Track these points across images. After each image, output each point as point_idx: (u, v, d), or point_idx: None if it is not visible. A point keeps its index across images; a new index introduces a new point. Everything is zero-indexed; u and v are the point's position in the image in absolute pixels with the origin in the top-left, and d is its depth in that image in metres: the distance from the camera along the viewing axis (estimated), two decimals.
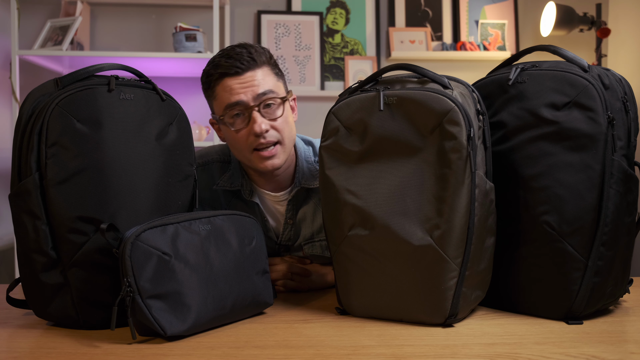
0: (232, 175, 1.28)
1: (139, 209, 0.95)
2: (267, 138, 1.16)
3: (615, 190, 0.93)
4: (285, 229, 1.28)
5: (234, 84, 1.15)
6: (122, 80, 0.97)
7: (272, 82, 1.18)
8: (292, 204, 1.26)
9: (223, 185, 1.27)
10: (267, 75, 1.17)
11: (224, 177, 1.28)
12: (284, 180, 1.27)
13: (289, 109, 1.23)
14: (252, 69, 1.16)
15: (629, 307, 1.06)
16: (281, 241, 1.29)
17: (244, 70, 1.15)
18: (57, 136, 0.90)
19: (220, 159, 1.31)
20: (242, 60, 1.15)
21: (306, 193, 1.28)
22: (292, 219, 1.27)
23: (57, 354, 0.83)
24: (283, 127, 1.18)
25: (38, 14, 2.93)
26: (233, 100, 1.15)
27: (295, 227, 1.28)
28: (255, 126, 1.14)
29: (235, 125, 1.17)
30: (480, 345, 0.85)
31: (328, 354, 0.83)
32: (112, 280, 0.92)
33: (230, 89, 1.15)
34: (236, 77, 1.15)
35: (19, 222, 0.93)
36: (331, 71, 3.09)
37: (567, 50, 1.00)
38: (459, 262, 0.92)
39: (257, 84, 1.15)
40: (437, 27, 3.14)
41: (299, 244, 1.29)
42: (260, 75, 1.16)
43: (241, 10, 3.07)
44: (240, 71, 1.15)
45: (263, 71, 1.17)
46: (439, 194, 0.92)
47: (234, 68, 1.14)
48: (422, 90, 0.93)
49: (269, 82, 1.17)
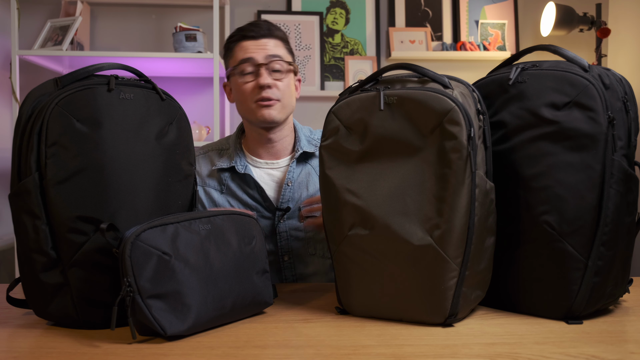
0: (229, 157, 1.44)
1: (139, 209, 0.95)
2: (269, 93, 1.34)
3: (616, 190, 0.93)
4: (285, 190, 1.39)
5: (250, 45, 1.36)
6: (121, 79, 0.97)
7: (283, 52, 1.38)
8: (293, 167, 1.41)
9: (220, 165, 1.43)
10: (279, 46, 1.38)
11: (221, 160, 1.45)
12: (283, 148, 1.44)
13: (293, 82, 1.40)
14: (267, 37, 1.36)
15: (629, 307, 1.06)
16: (280, 204, 1.38)
17: (261, 36, 1.36)
18: (57, 136, 0.90)
19: (217, 147, 1.49)
20: (261, 28, 1.36)
21: (304, 159, 1.44)
22: (291, 181, 1.40)
23: (57, 354, 0.83)
24: (284, 89, 1.36)
25: (38, 14, 2.93)
26: (246, 56, 1.35)
27: (294, 190, 1.40)
28: (260, 79, 1.33)
29: (245, 78, 1.36)
30: (480, 345, 0.85)
31: (328, 353, 0.83)
32: (112, 280, 0.92)
33: (246, 48, 1.36)
34: (253, 39, 1.36)
35: (19, 222, 0.93)
36: (331, 71, 3.09)
37: (567, 50, 1.00)
38: (459, 262, 0.92)
39: (269, 47, 1.36)
40: (437, 27, 3.14)
41: (296, 207, 1.40)
42: (273, 43, 1.37)
43: (241, 10, 3.07)
44: (257, 36, 1.36)
45: (277, 41, 1.38)
46: (439, 193, 0.92)
47: (252, 32, 1.36)
48: (422, 89, 0.93)
49: (280, 50, 1.37)
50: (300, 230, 1.39)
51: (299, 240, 1.39)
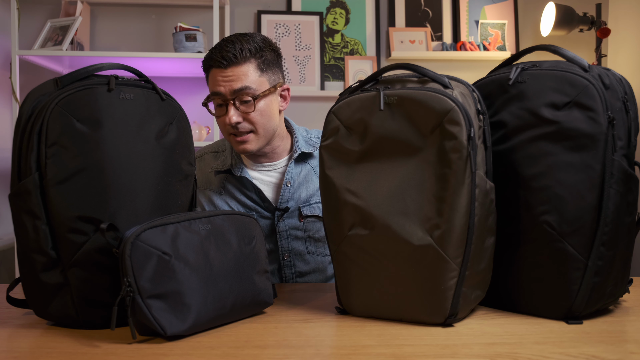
0: (225, 159, 1.44)
1: (139, 209, 0.95)
2: (240, 128, 1.31)
3: (616, 190, 0.93)
4: (284, 190, 1.39)
5: (218, 76, 1.30)
6: (121, 79, 0.97)
7: (254, 77, 1.30)
8: (291, 167, 1.41)
9: (216, 168, 1.43)
10: (248, 72, 1.29)
11: (218, 162, 1.44)
12: (280, 152, 1.43)
13: (272, 100, 1.34)
14: (235, 64, 1.28)
15: (629, 307, 1.06)
16: (279, 204, 1.39)
17: (227, 65, 1.28)
18: (57, 136, 0.90)
19: (213, 149, 1.49)
20: (226, 57, 1.28)
21: (303, 159, 1.44)
22: (290, 182, 1.40)
23: (57, 354, 0.83)
24: (257, 119, 1.31)
25: (38, 14, 2.93)
26: (215, 90, 1.30)
27: (293, 190, 1.40)
28: (226, 118, 1.30)
29: (216, 112, 1.34)
30: (480, 345, 0.85)
31: (328, 354, 0.83)
32: (112, 280, 0.92)
33: (214, 79, 1.30)
34: (220, 69, 1.29)
35: (19, 222, 0.93)
36: (331, 71, 3.09)
37: (567, 50, 1.00)
38: (459, 262, 0.92)
39: (236, 79, 1.28)
40: (437, 27, 3.14)
41: (296, 207, 1.40)
42: (240, 72, 1.28)
43: (241, 10, 3.07)
44: (223, 66, 1.28)
45: (246, 67, 1.29)
46: (439, 193, 0.92)
47: (217, 62, 1.29)
48: (422, 89, 0.93)
49: (249, 78, 1.29)
50: (300, 229, 1.40)
51: (299, 239, 1.41)
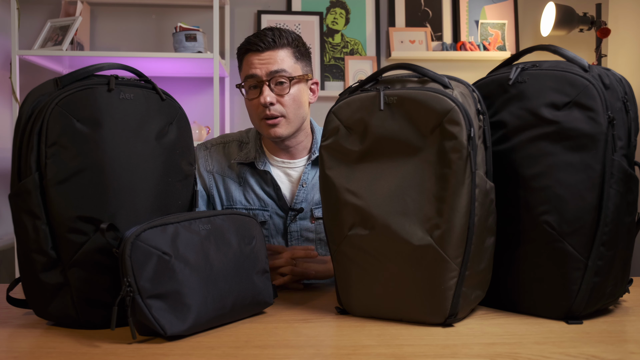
0: (248, 151, 1.45)
1: (139, 209, 0.95)
2: (272, 110, 1.33)
3: (616, 190, 0.93)
4: (300, 191, 1.40)
5: (254, 59, 1.34)
6: (121, 79, 0.97)
7: (289, 63, 1.35)
8: (308, 169, 1.42)
9: (239, 159, 1.44)
10: (285, 57, 1.34)
11: (241, 153, 1.45)
12: (301, 150, 1.44)
13: (303, 89, 1.38)
14: (271, 49, 1.33)
15: (629, 307, 1.06)
16: (294, 204, 1.40)
17: (264, 49, 1.33)
18: (57, 136, 0.90)
19: (238, 139, 1.50)
20: (265, 41, 1.33)
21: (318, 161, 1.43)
22: (305, 183, 1.41)
23: (57, 354, 0.83)
24: (289, 103, 1.34)
25: (38, 14, 2.93)
26: (250, 72, 1.34)
27: (307, 191, 1.41)
28: (261, 97, 1.32)
29: (249, 95, 1.36)
30: (480, 345, 0.85)
31: (328, 354, 0.83)
32: (112, 280, 0.92)
33: (250, 62, 1.34)
34: (257, 53, 1.33)
35: (19, 222, 0.93)
36: (331, 71, 3.09)
37: (567, 50, 1.00)
38: (459, 262, 0.92)
39: (273, 62, 1.33)
40: (437, 27, 3.14)
41: (308, 209, 1.40)
42: (277, 56, 1.33)
43: (241, 10, 3.07)
44: (260, 49, 1.33)
45: (282, 52, 1.34)
46: (439, 193, 0.92)
47: (255, 46, 1.33)
48: (422, 89, 0.93)
49: (284, 62, 1.34)
50: (311, 231, 1.40)
51: (310, 241, 1.40)
